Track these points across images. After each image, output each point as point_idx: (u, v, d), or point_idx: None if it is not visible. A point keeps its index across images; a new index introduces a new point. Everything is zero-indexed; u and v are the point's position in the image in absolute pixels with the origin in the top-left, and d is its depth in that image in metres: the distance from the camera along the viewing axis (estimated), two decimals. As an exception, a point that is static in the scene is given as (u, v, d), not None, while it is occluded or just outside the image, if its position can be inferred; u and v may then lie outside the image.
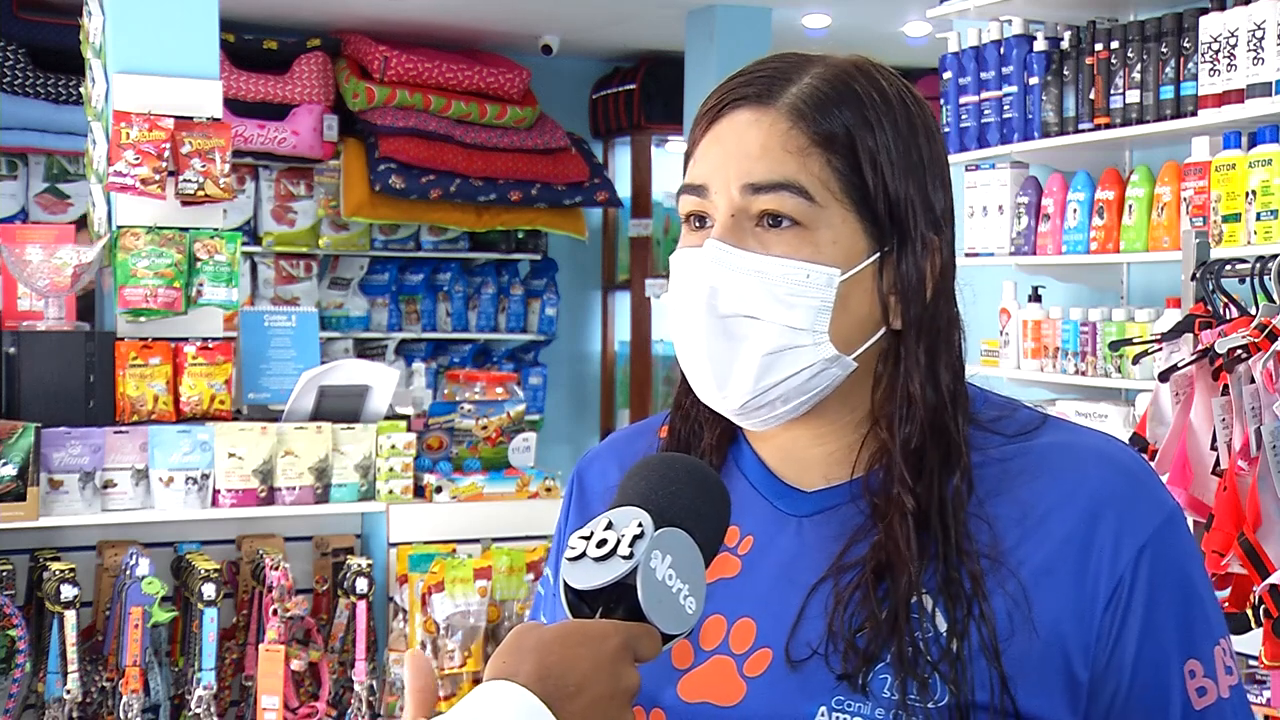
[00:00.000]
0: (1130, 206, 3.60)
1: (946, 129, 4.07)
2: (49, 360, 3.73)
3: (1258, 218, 3.15)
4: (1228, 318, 2.68)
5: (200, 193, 3.93)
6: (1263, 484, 2.39)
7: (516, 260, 7.81)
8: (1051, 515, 1.11)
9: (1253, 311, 2.60)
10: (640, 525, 1.00)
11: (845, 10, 6.79)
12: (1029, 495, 1.12)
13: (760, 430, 1.19)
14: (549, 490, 4.20)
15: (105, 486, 3.68)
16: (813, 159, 1.12)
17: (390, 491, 3.98)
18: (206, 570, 3.56)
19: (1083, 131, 3.68)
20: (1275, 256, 2.63)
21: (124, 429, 3.73)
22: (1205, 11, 3.34)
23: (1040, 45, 3.83)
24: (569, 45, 7.56)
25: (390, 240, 7.35)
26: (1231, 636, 1.16)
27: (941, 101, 4.15)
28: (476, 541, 4.05)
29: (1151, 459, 2.69)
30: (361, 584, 3.74)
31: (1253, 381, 2.46)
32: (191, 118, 3.97)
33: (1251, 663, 2.55)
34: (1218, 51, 3.27)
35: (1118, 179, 3.67)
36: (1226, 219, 3.23)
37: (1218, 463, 2.54)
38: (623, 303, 8.30)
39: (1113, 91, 3.59)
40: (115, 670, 3.49)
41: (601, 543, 1.00)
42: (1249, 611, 2.36)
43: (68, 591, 3.38)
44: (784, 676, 1.11)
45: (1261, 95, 3.17)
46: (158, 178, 3.88)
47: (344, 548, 4.02)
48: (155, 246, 3.87)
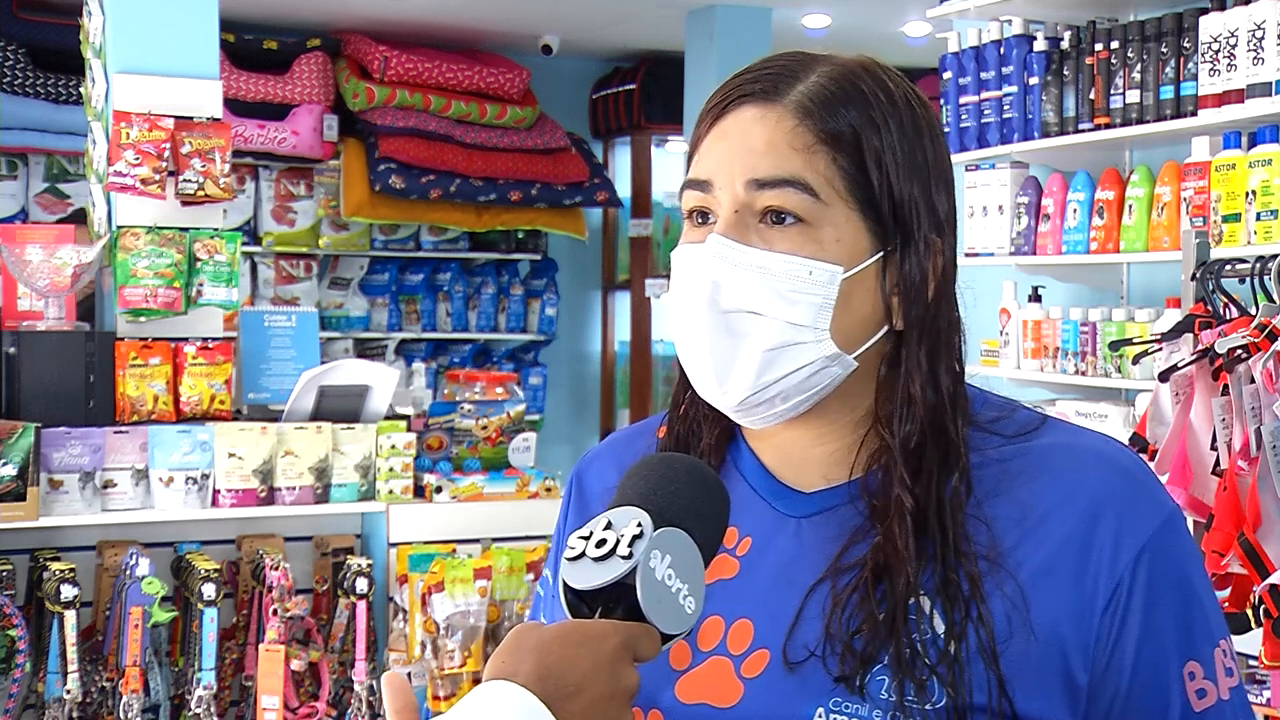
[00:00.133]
0: (1130, 206, 3.60)
1: (946, 129, 4.07)
2: (49, 360, 3.73)
3: (1258, 218, 3.15)
4: (1228, 318, 2.68)
5: (200, 193, 3.93)
6: (1263, 484, 2.39)
7: (516, 260, 7.80)
8: (1050, 516, 1.11)
9: (1253, 311, 2.60)
10: (639, 525, 1.00)
11: (845, 10, 6.79)
12: (1028, 496, 1.12)
13: (759, 429, 1.19)
14: (549, 490, 4.20)
15: (105, 486, 3.68)
16: (818, 156, 1.12)
17: (390, 491, 3.98)
18: (206, 570, 3.56)
19: (1083, 131, 3.68)
20: (1275, 256, 2.63)
21: (124, 429, 3.73)
22: (1205, 11, 3.33)
23: (1040, 45, 3.83)
24: (569, 45, 7.56)
25: (390, 240, 7.35)
26: (1232, 637, 1.15)
27: (941, 101, 4.15)
28: (476, 541, 4.05)
29: (1151, 459, 2.69)
30: (361, 584, 3.74)
31: (1253, 381, 2.46)
32: (191, 118, 3.97)
33: (1251, 663, 2.55)
34: (1218, 51, 3.26)
35: (1118, 179, 3.67)
36: (1226, 219, 3.23)
37: (1218, 463, 2.54)
38: (623, 303, 8.30)
39: (1113, 91, 3.59)
40: (115, 670, 3.49)
41: (601, 543, 1.00)
42: (1249, 611, 2.36)
43: (68, 591, 3.38)
44: (782, 678, 1.11)
45: (1261, 95, 3.17)
46: (158, 178, 3.88)
47: (344, 548, 4.02)
48: (155, 246, 3.87)
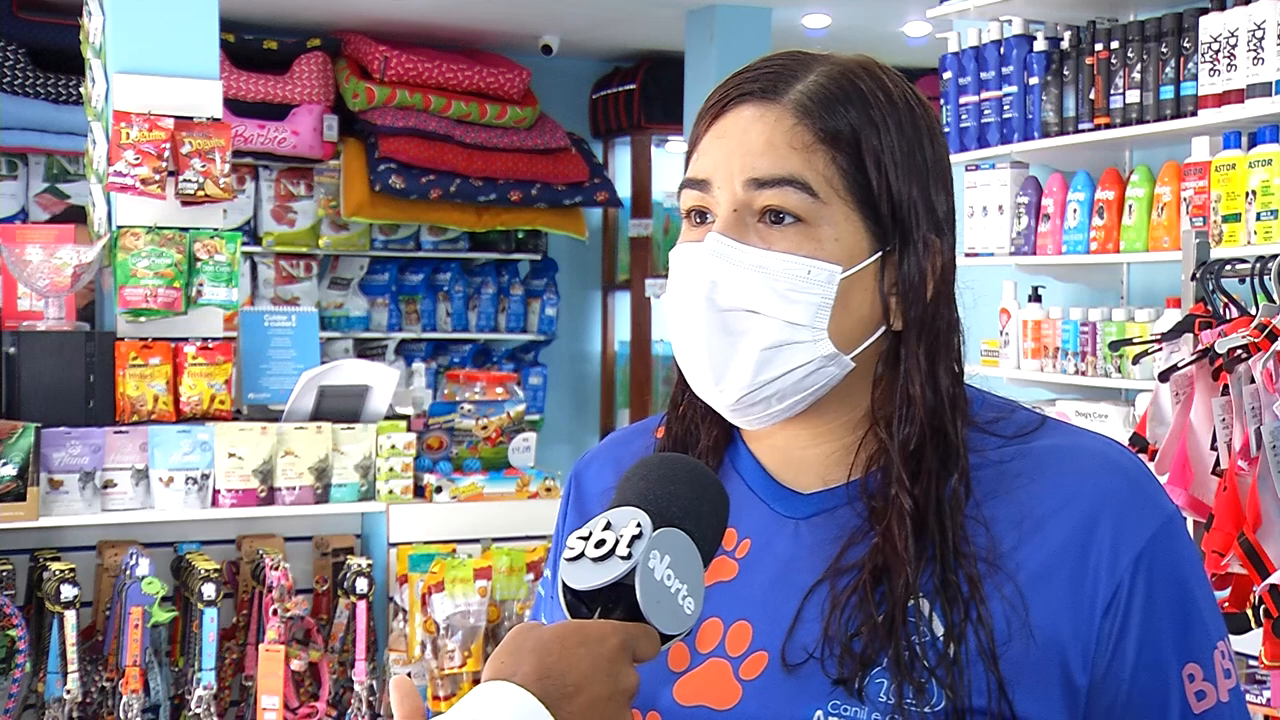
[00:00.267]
0: (1130, 206, 3.59)
1: (946, 129, 4.07)
2: (49, 360, 3.73)
3: (1258, 218, 3.15)
4: (1228, 318, 2.68)
5: (200, 193, 3.93)
6: (1263, 484, 2.39)
7: (516, 260, 7.80)
8: (1050, 519, 1.10)
9: (1253, 311, 2.60)
10: (639, 525, 1.00)
11: (845, 10, 6.79)
12: (1027, 498, 1.12)
13: (756, 429, 1.19)
14: (549, 490, 4.19)
15: (105, 486, 3.68)
16: (817, 156, 1.11)
17: (390, 491, 3.98)
18: (206, 570, 3.56)
19: (1083, 131, 3.68)
20: (1275, 256, 2.63)
21: (124, 429, 3.73)
22: (1205, 11, 3.33)
23: (1040, 45, 3.83)
24: (569, 45, 7.56)
25: (390, 240, 7.35)
26: (1232, 637, 1.15)
27: (941, 101, 4.15)
28: (476, 541, 4.05)
29: (1151, 459, 2.69)
30: (361, 584, 3.74)
31: (1253, 381, 2.46)
32: (191, 118, 3.97)
33: (1251, 663, 2.55)
34: (1218, 51, 3.26)
35: (1118, 179, 3.67)
36: (1226, 219, 3.22)
37: (1218, 463, 2.54)
38: (623, 303, 8.29)
39: (1113, 91, 3.59)
40: (115, 670, 3.49)
41: (600, 543, 1.00)
42: (1249, 611, 2.36)
43: (68, 591, 3.38)
44: (780, 680, 1.11)
45: (1261, 95, 3.16)
46: (158, 178, 3.88)
47: (344, 548, 4.02)
48: (155, 246, 3.87)
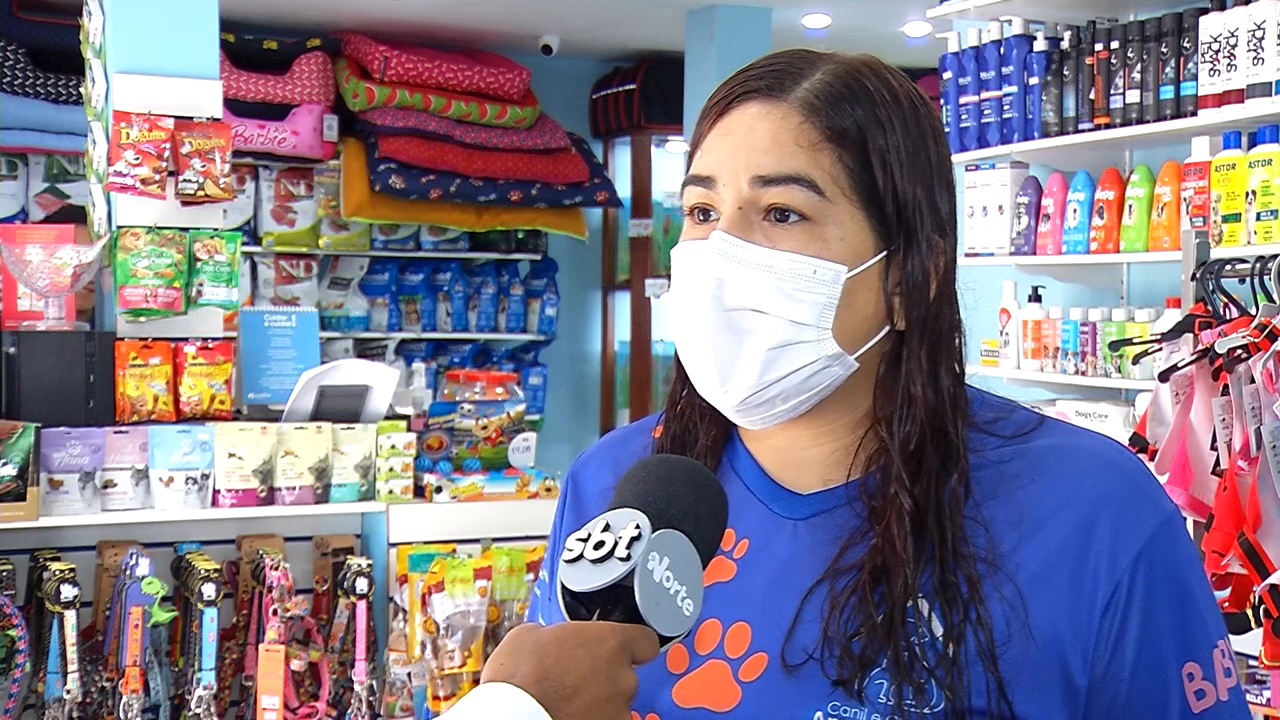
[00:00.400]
0: (1130, 206, 3.59)
1: (946, 129, 4.07)
2: (49, 360, 3.73)
3: (1258, 218, 3.15)
4: (1228, 318, 2.68)
5: (200, 193, 3.93)
6: (1263, 484, 2.39)
7: (516, 260, 7.80)
8: (1049, 519, 1.10)
9: (1253, 311, 2.60)
10: (638, 527, 1.00)
11: (845, 10, 6.79)
12: (1026, 498, 1.12)
13: (758, 429, 1.18)
14: (549, 490, 4.19)
15: (105, 486, 3.68)
16: (824, 154, 1.11)
17: (390, 491, 3.98)
18: (206, 570, 3.56)
19: (1083, 131, 3.68)
20: (1275, 256, 2.63)
21: (124, 429, 3.73)
22: (1205, 11, 3.33)
23: (1040, 45, 3.83)
24: (569, 45, 7.56)
25: (390, 240, 7.35)
26: (1232, 637, 1.15)
27: (941, 101, 4.15)
28: (476, 541, 4.05)
29: (1151, 459, 2.69)
30: (361, 584, 3.74)
31: (1253, 381, 2.46)
32: (191, 118, 3.97)
33: (1251, 663, 2.55)
34: (1218, 51, 3.26)
35: (1118, 179, 3.67)
36: (1226, 219, 3.22)
37: (1218, 463, 2.54)
38: (623, 303, 8.30)
39: (1113, 91, 3.59)
40: (115, 670, 3.49)
41: (599, 545, 1.00)
42: (1249, 611, 2.36)
43: (68, 591, 3.38)
44: (779, 682, 1.10)
45: (1261, 95, 3.16)
46: (158, 178, 3.88)
47: (344, 548, 4.02)
48: (155, 246, 3.87)
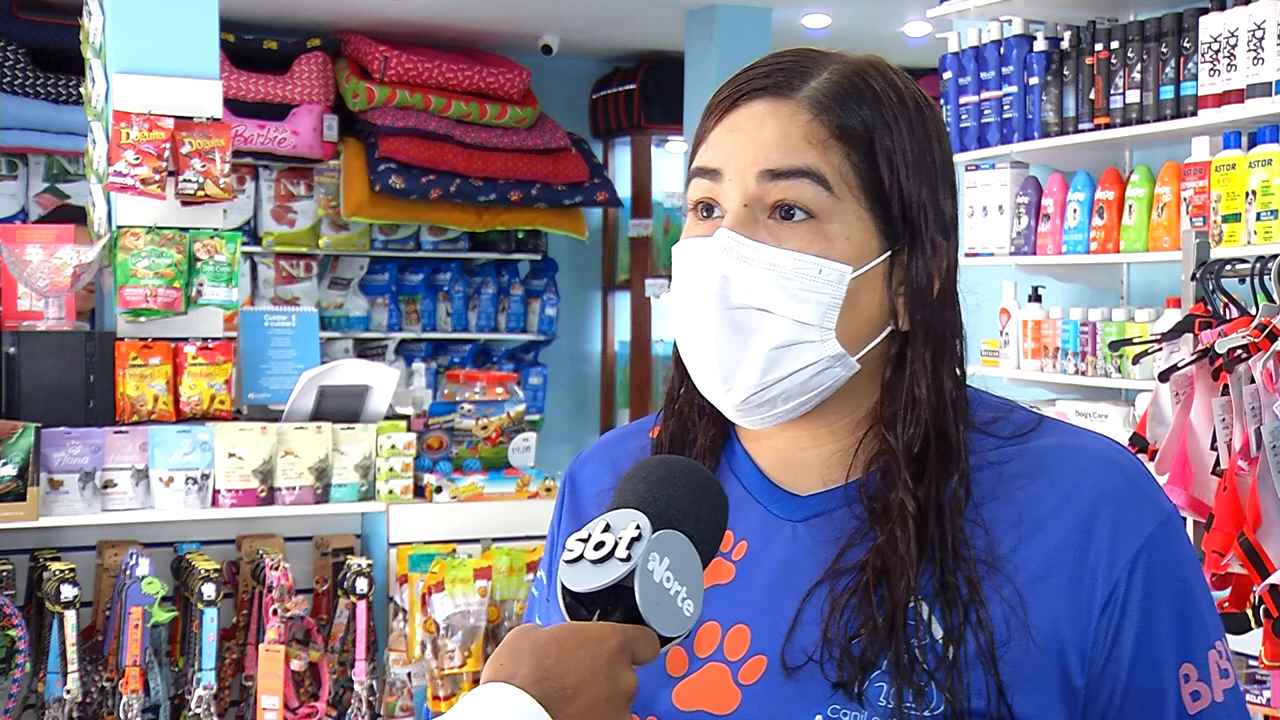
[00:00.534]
0: (1130, 206, 3.59)
1: (947, 129, 4.07)
2: (49, 360, 3.73)
3: (1258, 218, 3.15)
4: (1228, 318, 2.68)
5: (200, 193, 3.92)
6: (1263, 484, 2.39)
7: (516, 260, 7.80)
8: (1048, 519, 1.10)
9: (1253, 311, 2.60)
10: (638, 527, 1.00)
11: (845, 10, 6.79)
12: (1025, 499, 1.11)
13: (758, 429, 1.18)
14: (549, 490, 4.19)
15: (105, 486, 3.68)
16: (832, 152, 1.10)
17: (390, 491, 3.98)
18: (206, 570, 3.56)
19: (1083, 131, 3.68)
20: (1275, 256, 2.63)
21: (124, 429, 3.73)
22: (1205, 11, 3.33)
23: (1040, 45, 3.83)
24: (569, 45, 7.56)
25: (390, 240, 7.35)
26: (1232, 637, 1.15)
27: (941, 101, 4.15)
28: (476, 541, 4.05)
29: (1151, 459, 2.69)
30: (361, 584, 3.74)
31: (1253, 381, 2.46)
32: (191, 118, 3.97)
33: (1251, 663, 2.55)
34: (1218, 51, 3.26)
35: (1118, 179, 3.67)
36: (1226, 219, 3.22)
37: (1218, 463, 2.54)
38: (623, 303, 8.29)
39: (1113, 91, 3.59)
40: (115, 670, 3.49)
41: (599, 545, 1.00)
42: (1249, 611, 2.36)
43: (68, 591, 3.38)
44: (779, 684, 1.10)
45: (1261, 95, 3.16)
46: (158, 178, 3.88)
47: (344, 548, 4.02)
48: (155, 246, 3.87)
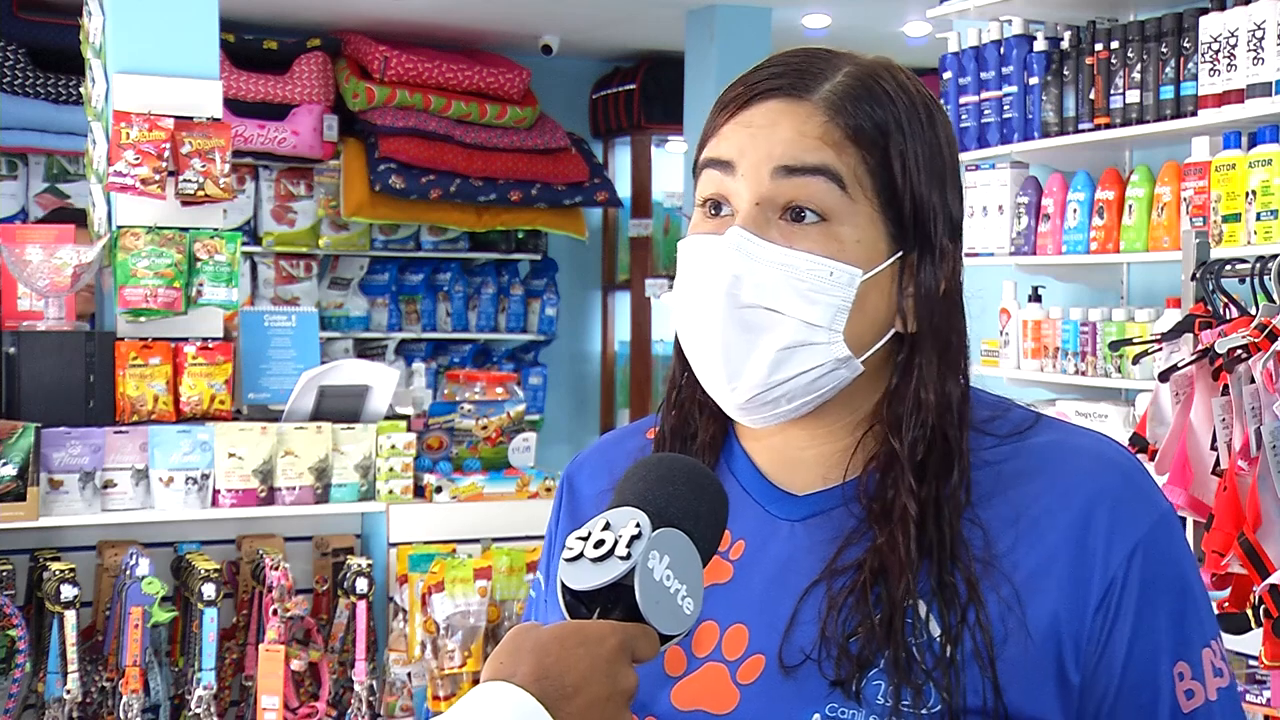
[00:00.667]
0: (1130, 206, 3.60)
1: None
2: (49, 360, 3.73)
3: (1258, 218, 3.15)
4: (1228, 318, 2.68)
5: (200, 193, 3.92)
6: (1263, 484, 2.39)
7: (516, 260, 7.80)
8: (1045, 517, 1.10)
9: (1253, 311, 2.60)
10: (638, 526, 0.99)
11: (845, 10, 6.79)
12: (1021, 497, 1.12)
13: (760, 427, 1.18)
14: (549, 490, 4.19)
15: (105, 486, 3.68)
16: (847, 154, 1.10)
17: (390, 491, 3.98)
18: (206, 570, 3.56)
19: (1083, 131, 3.68)
20: (1275, 256, 2.63)
21: (124, 429, 3.73)
22: (1205, 11, 3.33)
23: (1040, 45, 3.83)
24: (569, 45, 7.56)
25: (390, 240, 7.35)
26: (1232, 636, 1.15)
27: (941, 101, 4.14)
28: (476, 541, 4.05)
29: (1151, 459, 2.69)
30: (361, 584, 3.74)
31: (1253, 381, 2.46)
32: (191, 118, 3.97)
33: (1251, 663, 2.55)
34: (1218, 51, 3.26)
35: (1118, 179, 3.67)
36: (1226, 219, 3.22)
37: (1218, 463, 2.54)
38: (623, 303, 8.29)
39: (1113, 91, 3.59)
40: (115, 670, 3.49)
41: (599, 543, 0.99)
42: (1249, 611, 2.36)
43: (68, 591, 3.38)
44: (777, 683, 1.10)
45: (1261, 95, 3.17)
46: (158, 178, 3.88)
47: (344, 548, 4.02)
48: (155, 246, 3.87)
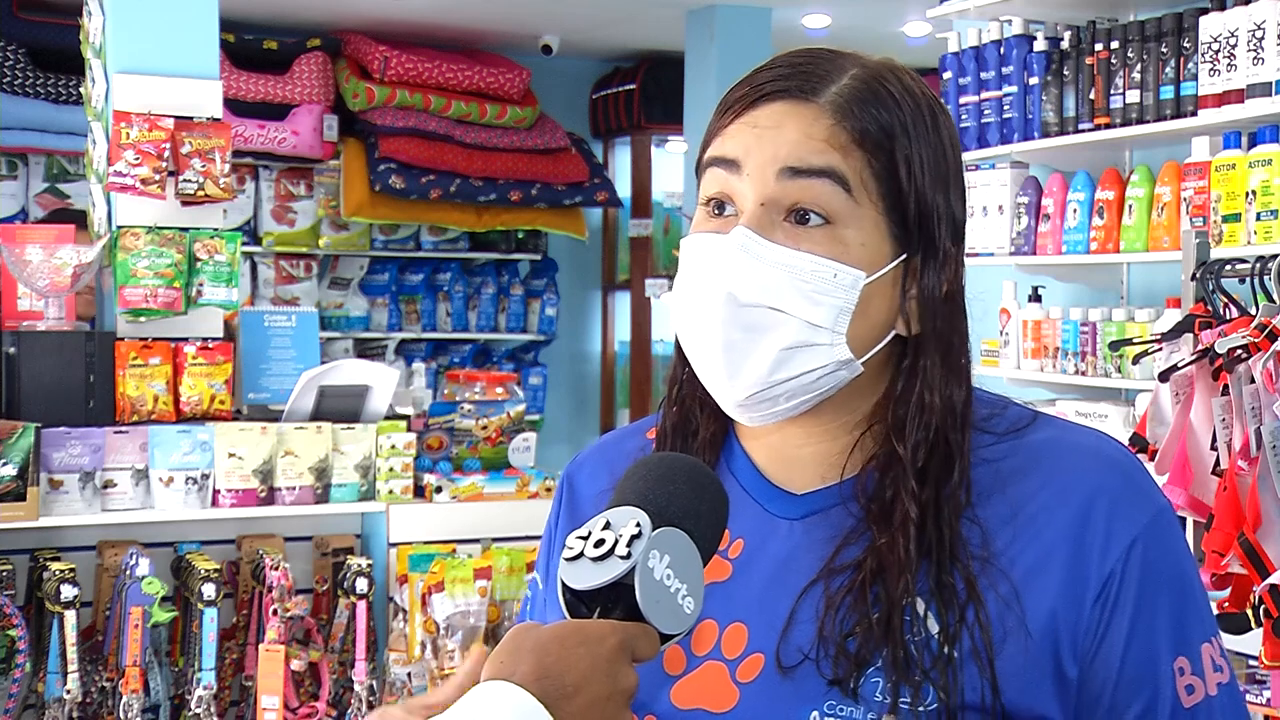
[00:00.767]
0: (1130, 206, 3.60)
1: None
2: (49, 360, 3.73)
3: (1258, 218, 3.15)
4: (1228, 318, 2.68)
5: (200, 193, 3.92)
6: (1263, 484, 2.39)
7: (516, 260, 7.81)
8: (1043, 513, 1.11)
9: (1253, 311, 2.60)
10: (638, 525, 0.99)
11: (845, 10, 6.79)
12: (1019, 494, 1.12)
13: (757, 425, 1.18)
14: (549, 490, 4.19)
15: (105, 486, 3.68)
16: (853, 157, 1.10)
17: (390, 491, 3.98)
18: (206, 570, 3.56)
19: (1083, 131, 3.68)
20: (1275, 256, 2.63)
21: (124, 429, 3.72)
22: (1205, 11, 3.34)
23: (1040, 45, 3.83)
24: (569, 45, 7.56)
25: (390, 240, 7.35)
26: (1232, 636, 1.15)
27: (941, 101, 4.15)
28: (476, 541, 4.05)
29: (1151, 459, 2.69)
30: (361, 584, 3.74)
31: (1253, 381, 2.46)
32: (191, 118, 3.96)
33: (1251, 663, 2.55)
34: (1218, 51, 3.26)
35: (1118, 179, 3.67)
36: (1226, 219, 3.23)
37: (1218, 463, 2.54)
38: (623, 303, 8.30)
39: (1113, 91, 3.59)
40: (115, 670, 3.49)
41: (599, 543, 0.99)
42: (1249, 611, 2.36)
43: (68, 591, 3.38)
44: (776, 682, 1.10)
45: (1261, 95, 3.17)
46: (158, 178, 3.88)
47: (344, 548, 4.02)
48: (155, 246, 3.87)
